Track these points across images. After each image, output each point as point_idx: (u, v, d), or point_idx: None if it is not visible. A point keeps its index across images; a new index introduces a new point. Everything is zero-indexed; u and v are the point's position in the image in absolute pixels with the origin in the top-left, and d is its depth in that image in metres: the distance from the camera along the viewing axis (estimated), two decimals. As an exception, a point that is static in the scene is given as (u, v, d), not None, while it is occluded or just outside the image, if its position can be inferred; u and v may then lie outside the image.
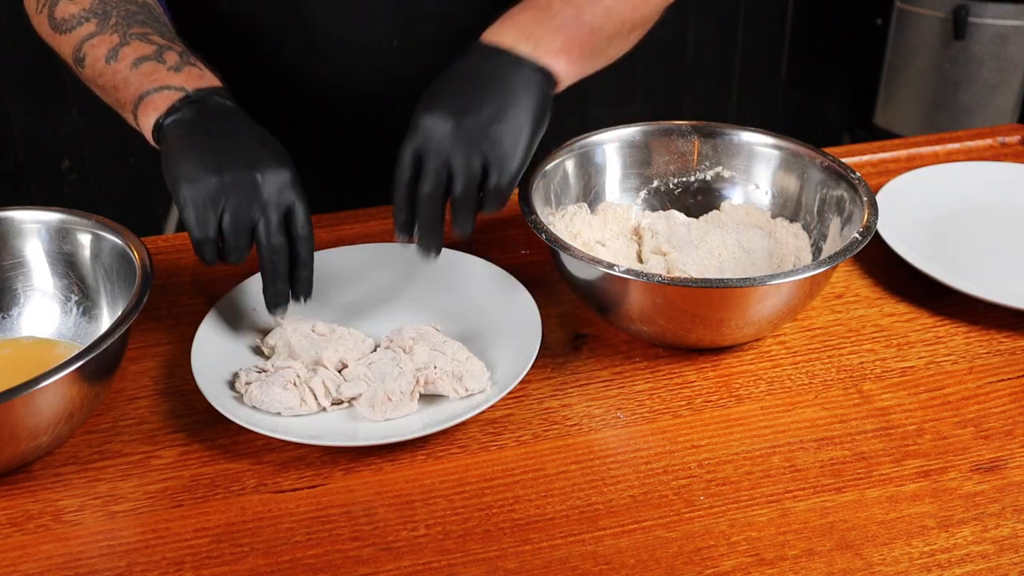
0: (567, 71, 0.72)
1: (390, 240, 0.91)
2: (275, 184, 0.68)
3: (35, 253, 0.76)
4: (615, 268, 0.69)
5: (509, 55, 0.70)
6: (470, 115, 0.68)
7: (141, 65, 0.74)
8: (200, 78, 0.73)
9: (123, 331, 0.64)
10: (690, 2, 2.42)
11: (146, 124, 0.73)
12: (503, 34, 0.72)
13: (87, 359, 0.61)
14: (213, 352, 0.72)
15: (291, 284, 0.72)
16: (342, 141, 1.01)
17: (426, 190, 0.69)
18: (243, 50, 0.94)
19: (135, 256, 0.71)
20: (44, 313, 0.76)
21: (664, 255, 0.82)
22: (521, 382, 0.71)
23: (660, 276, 0.68)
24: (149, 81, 0.73)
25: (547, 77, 0.71)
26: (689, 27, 2.47)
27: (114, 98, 0.77)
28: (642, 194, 0.88)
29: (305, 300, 0.73)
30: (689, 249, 0.82)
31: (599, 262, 0.70)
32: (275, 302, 0.72)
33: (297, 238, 0.70)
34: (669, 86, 2.52)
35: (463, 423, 0.70)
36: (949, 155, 1.07)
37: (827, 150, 0.87)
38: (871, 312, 0.82)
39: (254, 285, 0.80)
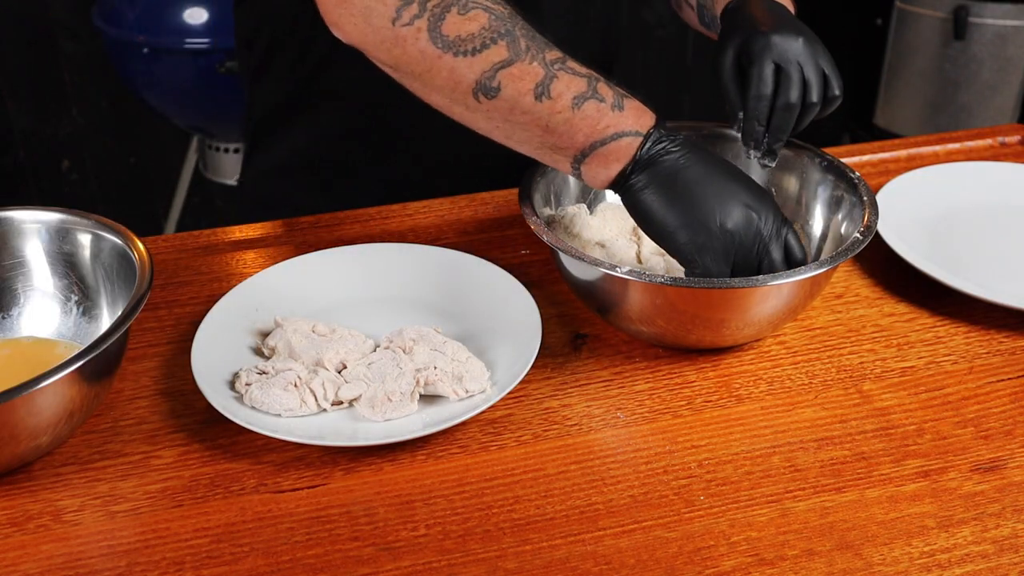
0: None
1: (390, 240, 0.91)
2: (775, 225, 0.71)
3: (35, 253, 0.76)
4: (616, 269, 0.69)
5: (781, 4, 0.82)
6: (808, 35, 0.77)
7: (583, 107, 0.69)
8: (642, 112, 0.71)
9: (123, 331, 0.64)
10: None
11: (599, 174, 0.71)
12: None
13: (87, 359, 0.61)
14: (213, 352, 0.73)
15: None
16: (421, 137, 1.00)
17: (793, 99, 0.76)
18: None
19: (135, 256, 0.71)
20: (44, 313, 0.76)
21: (664, 256, 0.82)
22: (521, 382, 0.71)
23: (660, 277, 0.68)
24: (600, 129, 0.70)
25: None
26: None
27: (541, 140, 0.71)
28: (642, 194, 0.88)
29: None
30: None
31: (600, 263, 0.70)
32: None
33: (793, 265, 0.72)
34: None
35: (463, 423, 0.70)
36: (949, 155, 1.07)
37: (827, 150, 0.87)
38: (871, 312, 0.82)
39: (254, 285, 0.80)
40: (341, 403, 0.70)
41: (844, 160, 0.84)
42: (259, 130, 1.06)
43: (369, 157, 1.00)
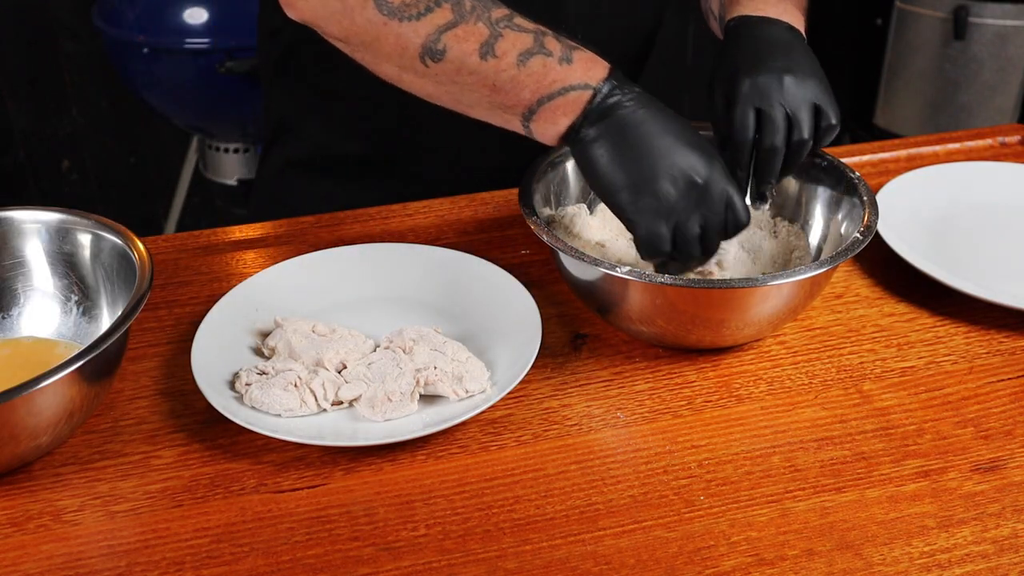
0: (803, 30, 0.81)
1: (390, 240, 0.91)
2: (715, 189, 0.69)
3: (35, 253, 0.76)
4: (616, 269, 0.69)
5: (781, 23, 0.79)
6: (796, 72, 0.74)
7: (529, 63, 0.68)
8: (593, 64, 0.69)
9: (123, 331, 0.64)
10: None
11: (548, 131, 0.70)
12: (765, 7, 0.80)
13: (87, 359, 0.61)
14: (213, 352, 0.73)
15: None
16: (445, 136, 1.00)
17: (776, 143, 0.74)
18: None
19: (135, 256, 0.71)
20: (44, 313, 0.76)
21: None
22: (521, 382, 0.71)
23: (661, 277, 0.68)
24: (547, 83, 0.69)
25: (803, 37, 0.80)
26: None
27: (489, 99, 0.71)
28: (642, 194, 0.88)
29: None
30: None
31: (600, 263, 0.70)
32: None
33: (736, 230, 0.71)
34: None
35: (463, 423, 0.70)
36: (949, 155, 1.07)
37: (827, 150, 0.87)
38: (871, 312, 0.82)
39: (254, 285, 0.80)
40: (341, 403, 0.70)
41: (844, 160, 0.84)
42: (278, 125, 1.06)
43: (389, 154, 1.00)
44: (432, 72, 0.71)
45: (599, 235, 0.84)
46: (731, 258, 0.82)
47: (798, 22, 0.81)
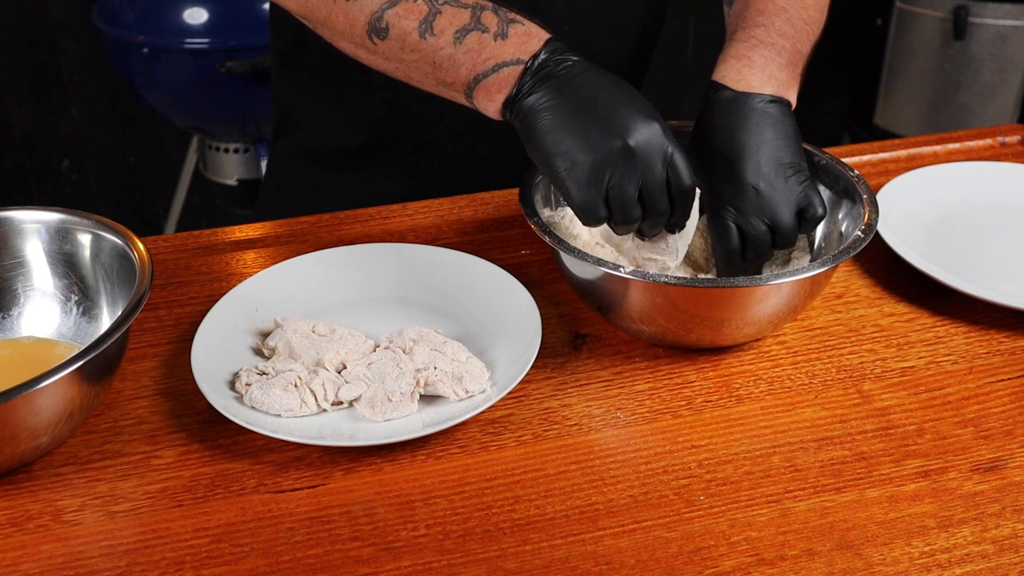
0: (794, 97, 0.78)
1: (390, 240, 0.91)
2: (652, 147, 0.66)
3: (35, 253, 0.76)
4: (618, 268, 0.69)
5: (762, 97, 0.75)
6: (772, 176, 0.73)
7: (465, 40, 0.69)
8: (528, 37, 0.69)
9: (123, 331, 0.64)
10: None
11: (487, 107, 0.70)
12: (749, 78, 0.76)
13: (87, 359, 0.61)
14: (213, 352, 0.73)
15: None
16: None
17: (762, 253, 0.74)
18: None
19: (135, 256, 0.71)
20: (44, 313, 0.76)
21: (659, 255, 0.82)
22: (521, 382, 0.71)
23: (663, 276, 0.68)
24: (481, 61, 0.68)
25: (790, 108, 0.77)
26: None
27: (433, 77, 0.71)
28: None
29: (679, 231, 0.73)
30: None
31: (602, 263, 0.70)
32: (654, 235, 0.73)
33: (682, 193, 0.69)
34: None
35: (463, 423, 0.70)
36: (949, 155, 1.07)
37: (827, 150, 0.87)
38: (871, 312, 0.82)
39: (254, 285, 0.80)
40: (341, 403, 0.70)
41: (844, 160, 0.84)
42: (283, 116, 1.07)
43: (387, 144, 1.01)
44: (380, 50, 0.72)
45: (598, 236, 0.84)
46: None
47: (786, 81, 0.77)
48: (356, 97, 0.99)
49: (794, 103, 0.77)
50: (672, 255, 0.74)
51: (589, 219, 0.68)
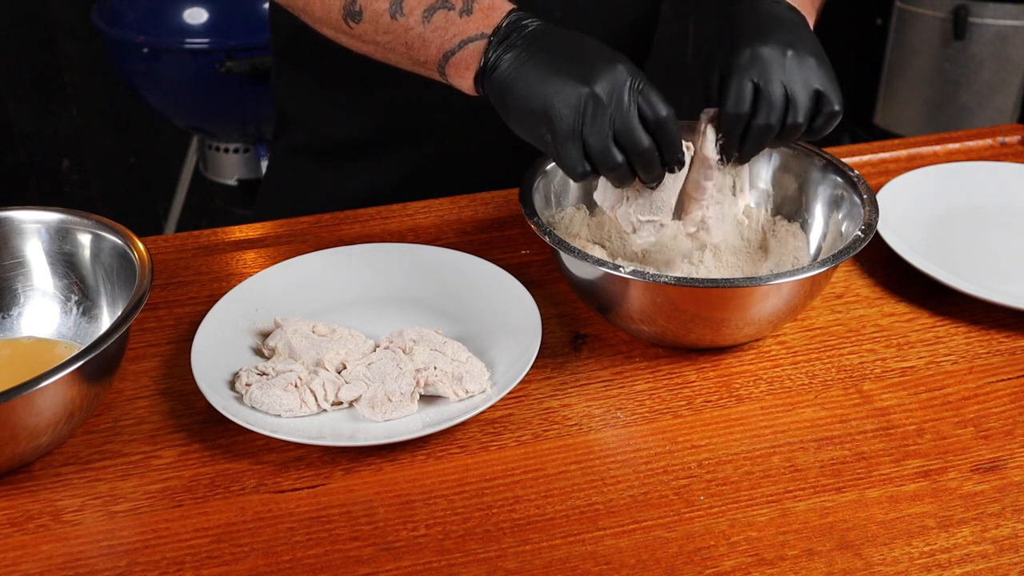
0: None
1: (390, 240, 0.91)
2: (617, 85, 0.65)
3: (35, 253, 0.76)
4: (618, 269, 0.69)
5: (785, 3, 0.75)
6: (800, 49, 0.71)
7: (432, 18, 0.69)
8: (492, 11, 0.69)
9: (123, 331, 0.64)
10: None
11: (461, 84, 0.71)
12: None
13: (87, 359, 0.61)
14: (213, 352, 0.73)
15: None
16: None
17: (771, 121, 0.71)
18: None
19: (135, 256, 0.71)
20: (44, 313, 0.76)
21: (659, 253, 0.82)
22: (521, 382, 0.71)
23: (664, 276, 0.68)
24: (448, 38, 0.69)
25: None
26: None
27: (408, 57, 0.72)
28: (642, 194, 0.88)
29: (679, 168, 0.71)
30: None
31: (603, 263, 0.70)
32: (654, 179, 0.71)
33: (659, 124, 0.67)
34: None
35: (463, 423, 0.70)
36: (949, 155, 1.07)
37: (827, 150, 0.87)
38: (871, 312, 0.82)
39: (254, 285, 0.80)
40: (341, 403, 0.70)
41: (844, 160, 0.83)
42: (281, 114, 1.07)
43: (393, 141, 1.01)
44: (356, 33, 0.73)
45: (598, 236, 0.84)
46: (719, 234, 0.80)
47: (805, 9, 0.78)
48: (354, 93, 0.99)
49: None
50: (664, 212, 0.73)
51: (573, 174, 0.68)
